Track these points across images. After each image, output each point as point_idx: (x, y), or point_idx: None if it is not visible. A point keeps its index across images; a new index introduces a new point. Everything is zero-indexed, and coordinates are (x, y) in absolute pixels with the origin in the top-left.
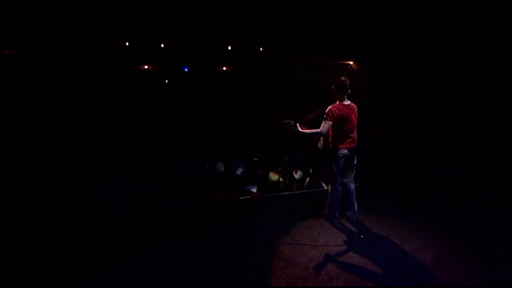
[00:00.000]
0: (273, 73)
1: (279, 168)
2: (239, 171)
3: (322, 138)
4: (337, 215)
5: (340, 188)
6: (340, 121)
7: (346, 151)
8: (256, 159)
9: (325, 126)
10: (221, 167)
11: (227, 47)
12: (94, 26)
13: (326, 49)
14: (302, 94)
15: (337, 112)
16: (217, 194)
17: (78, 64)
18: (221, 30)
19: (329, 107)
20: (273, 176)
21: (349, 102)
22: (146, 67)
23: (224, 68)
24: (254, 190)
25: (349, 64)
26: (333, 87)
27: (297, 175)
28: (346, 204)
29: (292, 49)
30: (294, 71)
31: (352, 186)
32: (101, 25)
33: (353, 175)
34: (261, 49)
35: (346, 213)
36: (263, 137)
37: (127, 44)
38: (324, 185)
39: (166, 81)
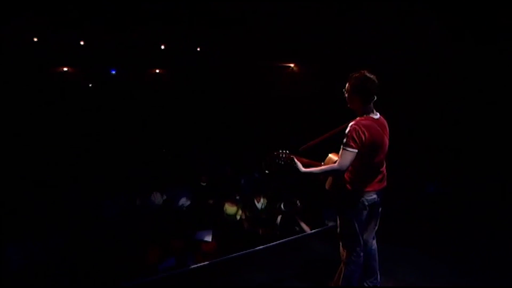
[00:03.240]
0: (212, 75)
1: (237, 197)
2: (182, 201)
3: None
4: None
5: (361, 254)
6: (369, 149)
7: (374, 196)
8: (204, 184)
9: (347, 157)
10: (157, 198)
11: (160, 47)
12: None
13: (266, 50)
14: (244, 97)
15: (367, 134)
16: (154, 253)
17: None
18: (154, 27)
19: (352, 124)
20: (230, 209)
21: (378, 114)
22: (65, 69)
23: (157, 71)
24: (209, 238)
25: (290, 66)
26: (350, 89)
27: (260, 203)
28: (366, 270)
29: (231, 50)
30: (234, 73)
31: (374, 244)
32: None
33: (376, 228)
34: (198, 49)
35: (365, 283)
36: (210, 153)
37: (35, 40)
38: (304, 226)
39: (90, 85)
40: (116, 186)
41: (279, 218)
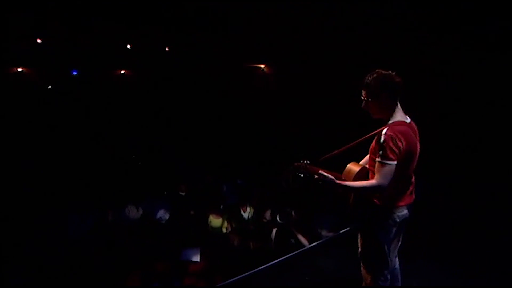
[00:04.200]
0: (181, 76)
1: (221, 207)
2: (161, 214)
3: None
4: None
5: (389, 277)
6: (405, 159)
7: (405, 211)
8: (183, 193)
9: (387, 172)
10: (132, 212)
11: (126, 46)
12: None
13: (236, 51)
14: (216, 99)
15: (404, 142)
16: (134, 279)
17: None
18: (119, 26)
19: (387, 132)
20: (215, 221)
21: (409, 118)
22: (20, 69)
23: (123, 72)
24: (197, 258)
25: (261, 67)
26: (371, 95)
27: (246, 213)
28: None
29: (201, 51)
30: (204, 74)
31: (397, 263)
32: None
33: (400, 244)
34: (167, 49)
35: None
36: (189, 159)
37: None
38: (302, 239)
39: (49, 87)
40: (83, 199)
41: (274, 231)
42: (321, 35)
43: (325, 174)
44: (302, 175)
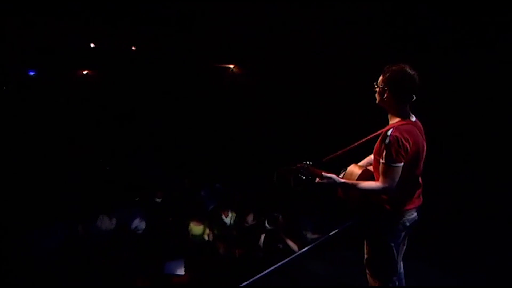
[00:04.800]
0: (149, 77)
1: (201, 213)
2: (136, 224)
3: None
4: None
5: (397, 283)
6: (412, 159)
7: (415, 214)
8: (159, 200)
9: (394, 174)
10: (105, 223)
11: (90, 45)
12: None
13: (205, 51)
14: (185, 99)
15: (411, 142)
16: None
17: None
18: (82, 24)
19: (393, 133)
20: (195, 228)
21: (414, 117)
22: None
23: (85, 72)
24: (181, 271)
25: (230, 67)
26: (384, 84)
27: (228, 218)
28: None
29: (169, 50)
30: (172, 74)
31: (402, 267)
32: None
33: (405, 247)
34: (133, 48)
35: None
36: (163, 163)
37: None
38: (291, 244)
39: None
40: (50, 211)
41: (262, 237)
42: (291, 34)
43: (328, 174)
44: (304, 177)
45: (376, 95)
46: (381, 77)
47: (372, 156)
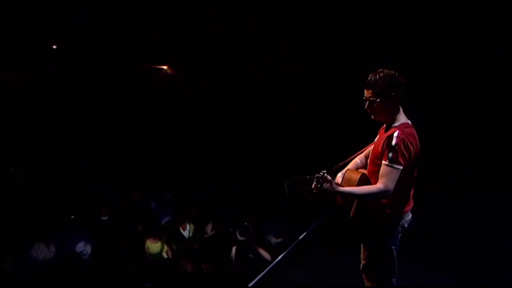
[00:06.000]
0: (75, 76)
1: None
2: (80, 248)
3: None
4: None
5: (395, 283)
6: (413, 162)
7: (410, 215)
8: (105, 218)
9: (395, 176)
10: (41, 251)
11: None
12: None
13: (135, 51)
14: (115, 102)
15: (414, 144)
16: None
17: None
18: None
19: (399, 135)
20: (153, 246)
21: (409, 120)
22: None
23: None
24: None
25: (163, 68)
26: (379, 95)
27: (187, 231)
28: None
29: (96, 49)
30: (100, 75)
31: None
32: None
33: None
34: (54, 47)
35: None
36: (105, 175)
37: None
38: (263, 253)
39: None
40: None
41: (233, 250)
42: (227, 35)
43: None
44: (321, 186)
45: (370, 110)
46: (369, 91)
47: (357, 160)
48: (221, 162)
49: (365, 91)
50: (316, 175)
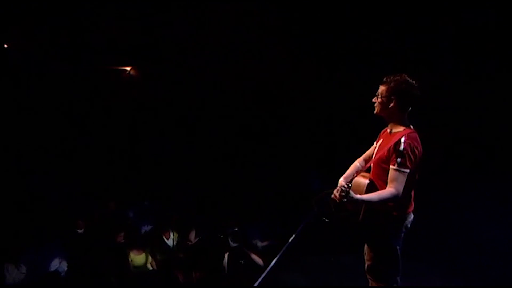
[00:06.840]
0: (29, 80)
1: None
2: (55, 266)
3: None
4: None
5: (399, 282)
6: (418, 167)
7: (412, 216)
8: (81, 231)
9: (403, 180)
10: (11, 273)
11: None
12: None
13: (96, 51)
14: (76, 105)
15: (420, 149)
16: None
17: None
18: None
19: (406, 140)
20: (136, 258)
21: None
22: None
23: None
24: None
25: (127, 70)
26: (389, 93)
27: (170, 239)
28: None
29: (53, 49)
30: (59, 77)
31: None
32: None
33: None
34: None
35: None
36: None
37: None
38: (256, 258)
39: None
40: None
41: (226, 256)
42: (191, 36)
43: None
44: (344, 195)
45: (377, 105)
46: (383, 87)
47: (357, 164)
48: (199, 167)
49: (380, 86)
50: (339, 187)
